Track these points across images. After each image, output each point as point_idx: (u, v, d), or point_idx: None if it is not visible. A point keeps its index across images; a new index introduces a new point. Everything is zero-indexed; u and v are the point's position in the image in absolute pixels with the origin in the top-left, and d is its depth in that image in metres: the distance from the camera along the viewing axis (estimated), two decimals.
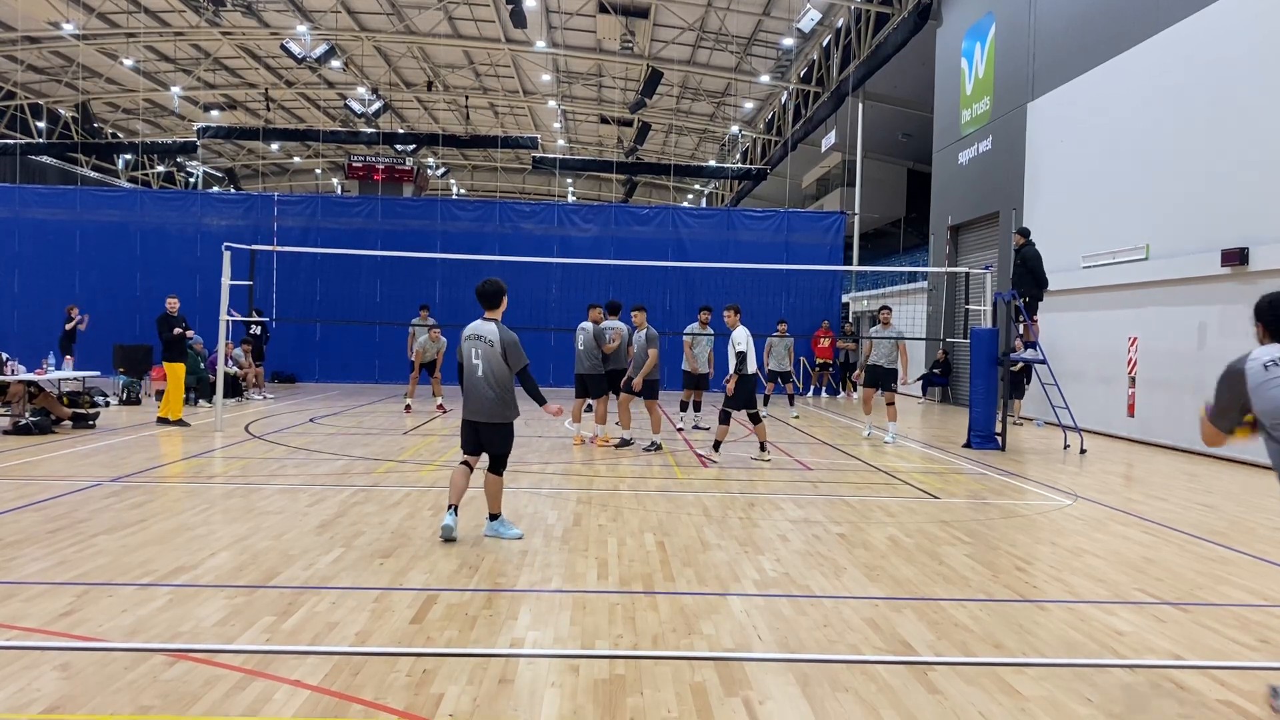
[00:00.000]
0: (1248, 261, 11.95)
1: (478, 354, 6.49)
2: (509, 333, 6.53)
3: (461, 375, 6.64)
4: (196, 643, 4.30)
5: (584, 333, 12.06)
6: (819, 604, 5.21)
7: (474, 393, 6.51)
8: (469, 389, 6.54)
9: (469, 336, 6.59)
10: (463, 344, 6.62)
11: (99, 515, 7.07)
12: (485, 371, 6.45)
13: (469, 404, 6.56)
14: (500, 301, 6.65)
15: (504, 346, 6.46)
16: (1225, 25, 12.69)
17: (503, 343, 6.46)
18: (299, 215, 24.06)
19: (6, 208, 23.74)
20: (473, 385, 6.51)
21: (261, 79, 38.21)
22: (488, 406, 6.48)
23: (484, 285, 6.66)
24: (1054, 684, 4.09)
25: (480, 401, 6.50)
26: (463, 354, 6.60)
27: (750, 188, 42.95)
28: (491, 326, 6.54)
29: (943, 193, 22.82)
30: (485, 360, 6.46)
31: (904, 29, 23.38)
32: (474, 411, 6.54)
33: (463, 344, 6.62)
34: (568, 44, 33.11)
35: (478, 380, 6.48)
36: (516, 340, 6.52)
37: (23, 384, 12.43)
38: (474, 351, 6.51)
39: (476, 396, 6.50)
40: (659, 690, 3.89)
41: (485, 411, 6.50)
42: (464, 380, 6.59)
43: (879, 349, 13.35)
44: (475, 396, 6.51)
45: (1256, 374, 4.02)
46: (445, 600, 5.07)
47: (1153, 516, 8.20)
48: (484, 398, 6.48)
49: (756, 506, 8.14)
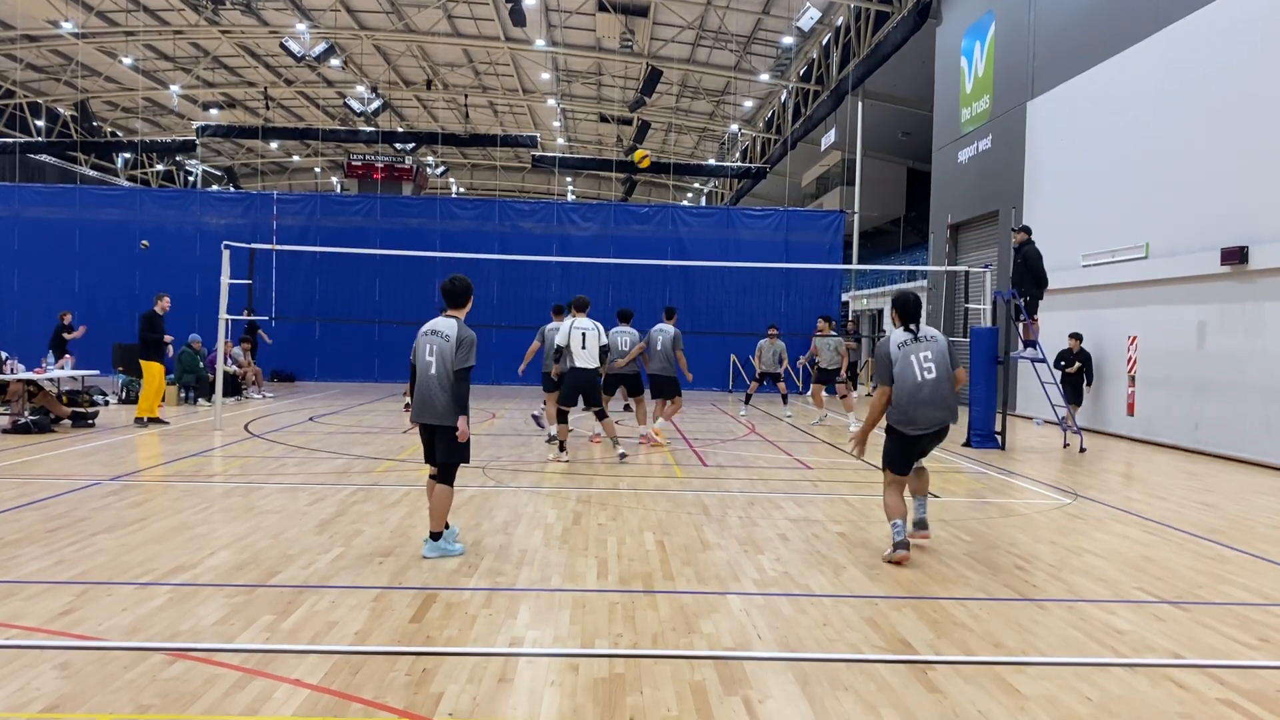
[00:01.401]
0: (1247, 260, 11.95)
1: (432, 350, 5.95)
2: (468, 330, 6.00)
3: (412, 375, 6.10)
4: (196, 642, 4.29)
5: (662, 334, 12.19)
6: (819, 603, 5.21)
7: (424, 392, 5.95)
8: (419, 389, 5.98)
9: (425, 332, 6.05)
10: (418, 340, 6.05)
11: (98, 514, 7.07)
12: (439, 370, 5.91)
13: (419, 406, 6.00)
14: (467, 301, 6.20)
15: (459, 342, 5.91)
16: (1225, 24, 12.68)
17: (458, 338, 5.92)
18: (298, 214, 24.05)
19: (6, 207, 23.72)
20: (424, 384, 5.95)
21: (261, 77, 38.20)
22: (440, 408, 5.92)
23: (452, 282, 6.17)
24: (1054, 683, 4.09)
25: (431, 403, 5.93)
26: (416, 352, 6.03)
27: (750, 186, 42.95)
28: (451, 322, 6.03)
29: (942, 191, 22.82)
30: (440, 357, 5.92)
31: (904, 27, 23.37)
32: (424, 413, 5.98)
33: (418, 340, 6.05)
34: (567, 42, 33.10)
35: (430, 379, 5.92)
36: (474, 340, 5.96)
37: (22, 383, 12.43)
38: (428, 348, 5.97)
39: (428, 397, 5.94)
40: (659, 689, 3.88)
41: (437, 413, 5.93)
42: (414, 380, 6.05)
43: (824, 353, 15.59)
44: (426, 397, 5.95)
45: (894, 351, 6.26)
46: (445, 599, 5.07)
47: (1152, 515, 8.20)
48: (435, 398, 5.92)
49: (756, 505, 8.14)
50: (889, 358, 6.22)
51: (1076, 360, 14.53)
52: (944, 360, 6.21)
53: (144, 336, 13.18)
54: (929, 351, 6.17)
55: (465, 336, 5.95)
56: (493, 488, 8.59)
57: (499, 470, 9.82)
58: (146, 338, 13.14)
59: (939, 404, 6.14)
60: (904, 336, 6.25)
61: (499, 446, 11.67)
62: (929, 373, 6.13)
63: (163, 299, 13.58)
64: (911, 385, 6.12)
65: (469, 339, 5.94)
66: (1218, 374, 12.61)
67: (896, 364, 6.17)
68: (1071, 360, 14.55)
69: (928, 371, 6.13)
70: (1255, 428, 11.85)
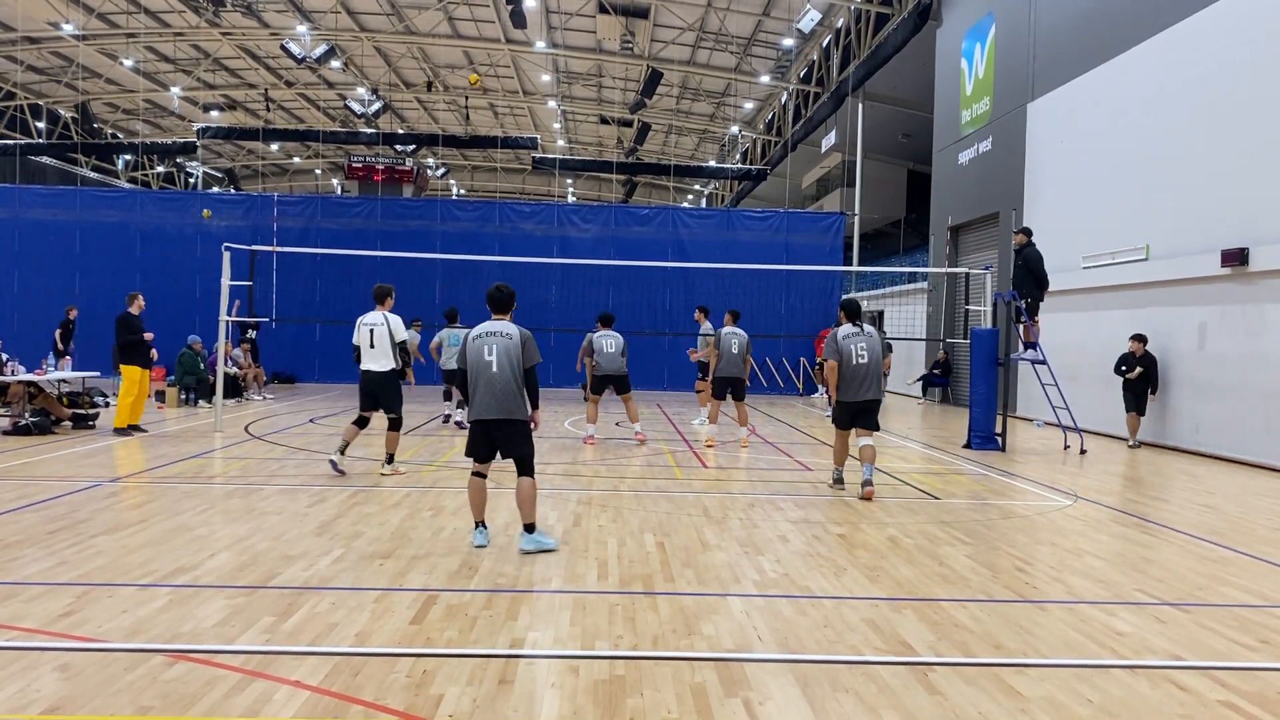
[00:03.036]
0: (1248, 262, 11.95)
1: (491, 350, 6.17)
2: (525, 329, 6.33)
3: (461, 377, 6.39)
4: (196, 643, 4.29)
5: (736, 338, 12.31)
6: (819, 604, 5.21)
7: (488, 389, 6.16)
8: (482, 388, 6.18)
9: (480, 334, 6.26)
10: (470, 344, 6.25)
11: (99, 516, 7.07)
12: (500, 366, 6.14)
13: (482, 404, 6.19)
14: (511, 306, 6.47)
15: (523, 340, 6.23)
16: (1225, 25, 12.69)
17: (522, 336, 6.24)
18: (299, 216, 24.05)
19: (6, 208, 23.73)
20: (487, 382, 6.16)
21: (261, 79, 38.21)
22: (505, 402, 6.15)
23: (497, 290, 6.45)
24: (1054, 684, 4.09)
25: (496, 398, 6.15)
26: (469, 354, 6.24)
27: (750, 188, 42.96)
28: (508, 323, 6.33)
29: (943, 193, 22.82)
30: (504, 353, 6.15)
31: (904, 29, 23.38)
32: (488, 409, 6.18)
33: (470, 344, 6.25)
34: (568, 44, 33.11)
35: (493, 376, 6.14)
36: (533, 336, 6.31)
37: (23, 384, 12.43)
38: (487, 348, 6.18)
39: (491, 393, 6.16)
40: (659, 691, 3.88)
41: (502, 408, 6.16)
42: (471, 381, 6.24)
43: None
44: (490, 393, 6.16)
45: (841, 341, 8.69)
46: (445, 601, 5.07)
47: (1153, 517, 8.19)
48: (500, 393, 6.15)
49: (756, 507, 8.14)
50: (837, 343, 8.71)
51: (1139, 365, 13.25)
52: (875, 350, 8.67)
53: (121, 340, 12.38)
54: (864, 342, 8.67)
55: (526, 334, 6.32)
56: (493, 489, 8.57)
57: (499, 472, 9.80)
58: (124, 341, 12.35)
59: (869, 381, 8.62)
60: (850, 330, 8.77)
61: None
62: (862, 357, 8.61)
63: (136, 299, 12.72)
64: (850, 366, 8.62)
65: (530, 336, 6.32)
66: (1218, 376, 12.61)
67: (841, 349, 8.66)
68: (1133, 365, 13.31)
69: (861, 356, 8.62)
70: (1256, 429, 11.84)
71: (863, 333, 8.69)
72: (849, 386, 8.64)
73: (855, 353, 8.59)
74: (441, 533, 6.78)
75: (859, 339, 8.64)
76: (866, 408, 8.67)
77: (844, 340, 8.66)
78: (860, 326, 8.74)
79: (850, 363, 8.60)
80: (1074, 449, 12.86)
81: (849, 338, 8.67)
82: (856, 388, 8.61)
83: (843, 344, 8.65)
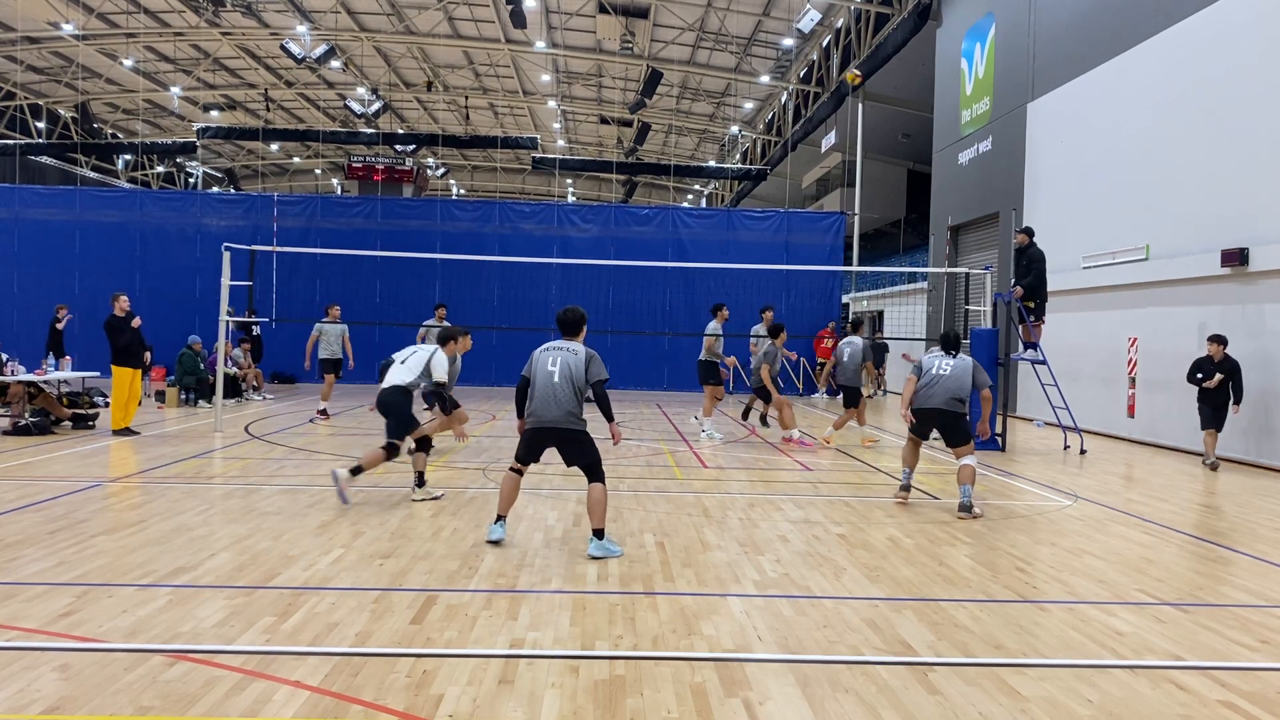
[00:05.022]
0: (1248, 262, 11.95)
1: (554, 362, 6.39)
2: (592, 350, 6.55)
3: (524, 386, 6.50)
4: (196, 643, 4.29)
5: (850, 346, 12.87)
6: (819, 605, 5.21)
7: (548, 399, 6.35)
8: (541, 397, 6.37)
9: (548, 348, 6.52)
10: (537, 356, 6.51)
11: (98, 516, 7.07)
12: (561, 378, 6.33)
13: (542, 412, 6.36)
14: (581, 330, 6.66)
15: (588, 358, 6.44)
16: (1226, 25, 12.69)
17: (587, 354, 6.46)
18: (298, 215, 24.03)
19: (6, 208, 23.70)
20: (548, 392, 6.35)
21: (261, 79, 38.22)
22: (564, 414, 6.33)
23: (565, 314, 6.66)
24: (1054, 684, 4.09)
25: (557, 408, 6.33)
26: (534, 366, 6.46)
27: (750, 188, 42.96)
28: (575, 343, 6.56)
29: (943, 193, 22.82)
30: (566, 366, 6.35)
31: (904, 29, 23.38)
32: (549, 419, 6.36)
33: (537, 356, 6.51)
34: (567, 44, 33.12)
35: (554, 385, 6.34)
36: (598, 356, 6.52)
37: (22, 384, 12.42)
38: (550, 360, 6.41)
39: (552, 402, 6.34)
40: (659, 691, 3.88)
41: (563, 418, 6.34)
42: (534, 390, 6.42)
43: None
44: (550, 403, 6.35)
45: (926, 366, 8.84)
46: (445, 601, 5.07)
47: (1153, 517, 8.20)
48: (560, 403, 6.32)
49: (756, 507, 8.14)
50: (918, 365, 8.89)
51: (1218, 371, 11.11)
52: (963, 374, 8.64)
53: (116, 343, 12.21)
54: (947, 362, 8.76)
55: (592, 352, 6.54)
56: (493, 489, 8.58)
57: (499, 472, 9.80)
58: (115, 343, 12.21)
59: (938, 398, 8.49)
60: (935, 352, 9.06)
61: (499, 449, 11.66)
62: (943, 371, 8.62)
63: (118, 299, 12.49)
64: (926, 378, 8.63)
65: (596, 354, 6.54)
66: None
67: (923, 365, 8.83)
68: (1211, 372, 11.16)
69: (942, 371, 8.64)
70: (1256, 429, 11.84)
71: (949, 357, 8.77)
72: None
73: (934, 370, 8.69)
74: (441, 533, 6.78)
75: (941, 361, 8.74)
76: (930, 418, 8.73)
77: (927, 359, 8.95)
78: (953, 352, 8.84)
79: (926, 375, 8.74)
80: (1074, 449, 12.86)
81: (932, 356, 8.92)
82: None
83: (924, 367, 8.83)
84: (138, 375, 12.43)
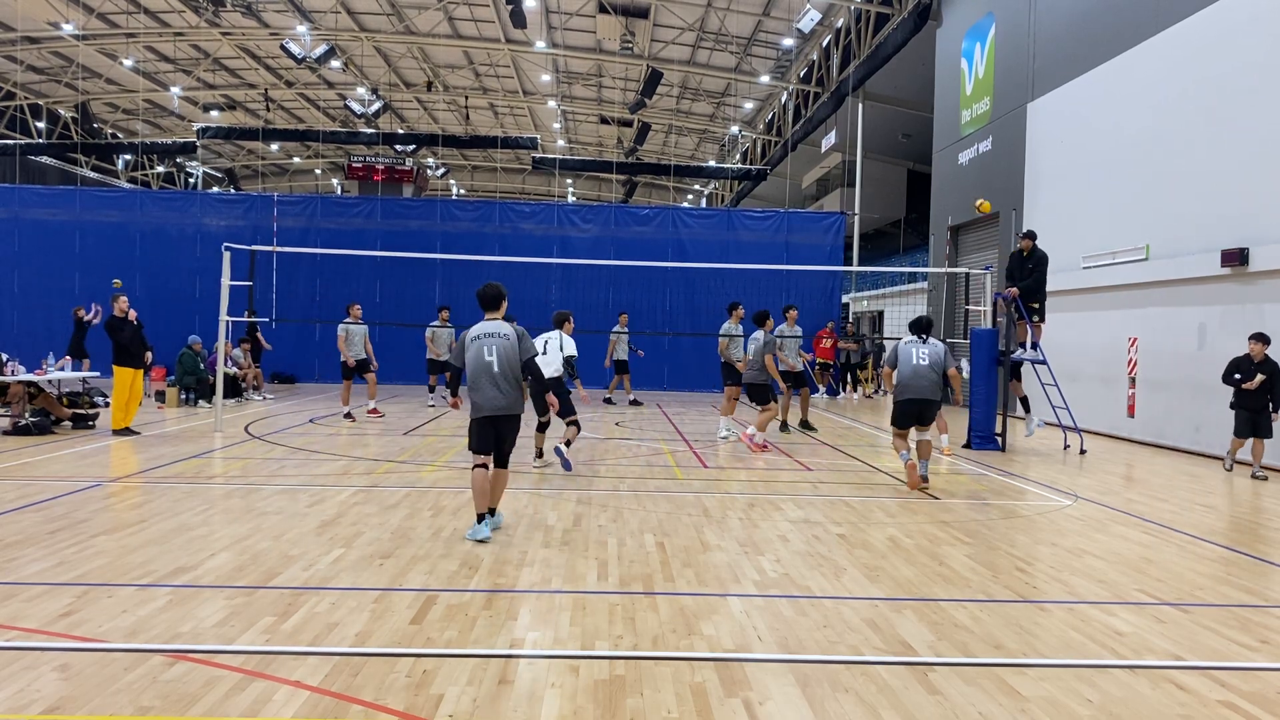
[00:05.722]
0: (1248, 262, 11.95)
1: (491, 350, 6.61)
2: (518, 326, 6.80)
3: (456, 378, 6.99)
4: (196, 643, 4.29)
5: (755, 342, 12.40)
6: (819, 605, 5.21)
7: (490, 388, 6.59)
8: (483, 385, 6.60)
9: (478, 335, 6.69)
10: (469, 345, 6.69)
11: (99, 516, 7.07)
12: (501, 366, 6.59)
13: (484, 400, 6.61)
14: (502, 305, 6.88)
15: (519, 336, 6.71)
16: (1226, 25, 12.69)
17: (517, 333, 6.71)
18: (299, 215, 24.03)
19: (6, 208, 23.70)
20: (489, 380, 6.59)
21: (261, 79, 38.21)
22: (507, 400, 6.62)
23: (486, 289, 6.86)
24: (1054, 684, 4.09)
25: (498, 395, 6.59)
26: (468, 354, 6.66)
27: (750, 188, 42.96)
28: (501, 323, 6.78)
29: (942, 193, 22.81)
30: (502, 353, 6.61)
31: (904, 29, 23.38)
32: (493, 406, 6.60)
33: (469, 345, 6.69)
34: (567, 44, 33.11)
35: (494, 375, 6.59)
36: (526, 332, 6.81)
37: (22, 384, 12.43)
38: (486, 349, 6.62)
39: (494, 391, 6.59)
40: (659, 691, 3.88)
41: (506, 405, 6.62)
42: (471, 379, 6.66)
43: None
44: (492, 391, 6.59)
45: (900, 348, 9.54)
46: (445, 601, 5.07)
47: (1153, 517, 8.20)
48: (502, 390, 6.60)
49: (756, 507, 8.14)
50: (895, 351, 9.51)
51: (1259, 372, 10.46)
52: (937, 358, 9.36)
53: (119, 341, 12.16)
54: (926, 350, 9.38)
55: (520, 330, 6.79)
56: None
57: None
58: (116, 342, 12.17)
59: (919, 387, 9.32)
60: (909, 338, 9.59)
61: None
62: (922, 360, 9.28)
63: (117, 300, 12.39)
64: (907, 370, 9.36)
65: (524, 331, 6.80)
66: (1218, 376, 12.58)
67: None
68: (1252, 373, 10.51)
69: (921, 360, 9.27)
70: None
71: (926, 342, 9.44)
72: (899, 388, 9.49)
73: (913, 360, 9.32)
74: (441, 533, 6.78)
75: (917, 348, 9.41)
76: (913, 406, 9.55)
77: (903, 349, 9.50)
78: (924, 339, 9.47)
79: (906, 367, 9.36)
80: (1074, 449, 12.85)
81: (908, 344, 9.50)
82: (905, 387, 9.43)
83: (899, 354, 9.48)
84: (139, 375, 12.41)
